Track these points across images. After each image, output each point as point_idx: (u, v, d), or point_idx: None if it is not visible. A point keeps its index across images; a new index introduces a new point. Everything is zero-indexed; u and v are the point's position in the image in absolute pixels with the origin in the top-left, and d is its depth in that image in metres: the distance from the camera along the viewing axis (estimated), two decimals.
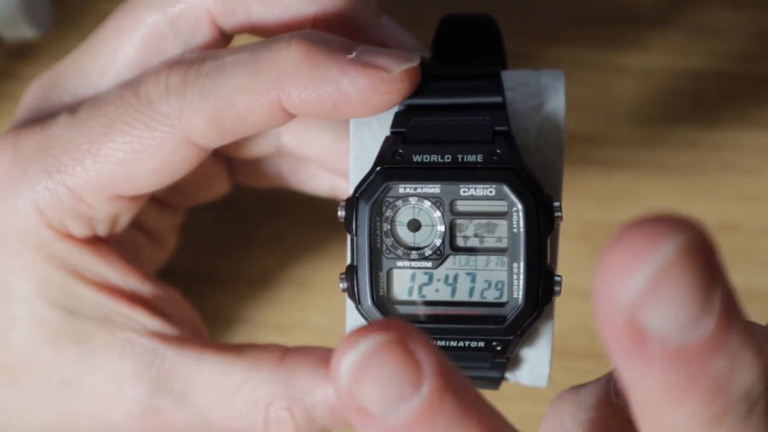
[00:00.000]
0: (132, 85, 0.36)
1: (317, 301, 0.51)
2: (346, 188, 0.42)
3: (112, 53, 0.38)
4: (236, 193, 0.47)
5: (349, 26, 0.36)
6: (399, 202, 0.34)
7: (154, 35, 0.37)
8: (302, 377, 0.37)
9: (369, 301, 0.34)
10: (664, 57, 0.54)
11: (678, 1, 0.55)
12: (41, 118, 0.38)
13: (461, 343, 0.34)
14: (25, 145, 0.37)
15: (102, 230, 0.38)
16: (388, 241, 0.34)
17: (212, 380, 0.37)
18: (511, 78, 0.36)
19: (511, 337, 0.34)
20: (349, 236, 0.34)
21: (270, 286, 0.51)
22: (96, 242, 0.38)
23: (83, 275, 0.38)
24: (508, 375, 0.37)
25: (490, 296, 0.34)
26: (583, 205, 0.52)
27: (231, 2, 0.36)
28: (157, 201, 0.43)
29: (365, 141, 0.35)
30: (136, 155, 0.36)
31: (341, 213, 0.34)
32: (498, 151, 0.33)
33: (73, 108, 0.37)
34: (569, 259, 0.51)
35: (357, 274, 0.34)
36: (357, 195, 0.34)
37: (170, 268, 0.47)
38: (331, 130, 0.40)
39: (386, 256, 0.34)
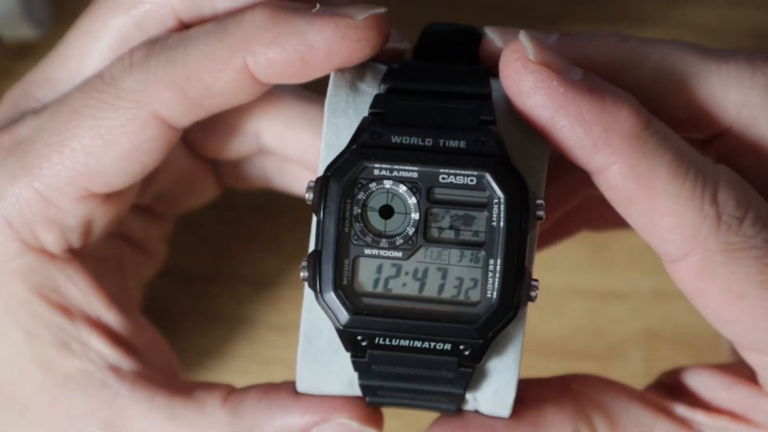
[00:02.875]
0: (98, 71, 0.36)
1: None
2: None
3: (79, 59, 0.37)
4: (235, 194, 0.47)
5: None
6: (373, 185, 0.32)
7: (121, 38, 0.36)
8: (246, 415, 0.36)
9: (331, 290, 0.31)
10: None
11: (678, 1, 0.55)
12: (5, 127, 0.37)
13: (426, 344, 0.32)
14: None
15: (75, 240, 0.37)
16: (357, 226, 0.32)
17: (161, 425, 0.36)
18: (495, 84, 0.34)
19: (482, 341, 0.32)
20: (315, 219, 0.32)
21: (269, 286, 0.51)
22: (67, 258, 0.37)
23: (47, 295, 0.36)
24: (468, 396, 0.34)
25: (462, 295, 0.32)
26: None
27: (198, 3, 0.36)
28: (143, 210, 0.42)
29: (339, 129, 0.34)
30: (103, 140, 0.35)
31: (309, 195, 0.32)
32: (483, 139, 0.31)
33: (38, 111, 0.37)
34: (569, 259, 0.51)
35: (321, 260, 0.31)
36: (328, 174, 0.32)
37: (170, 268, 0.47)
38: (311, 129, 0.39)
39: (354, 242, 0.31)
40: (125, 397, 0.36)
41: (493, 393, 0.34)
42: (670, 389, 0.37)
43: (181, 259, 0.50)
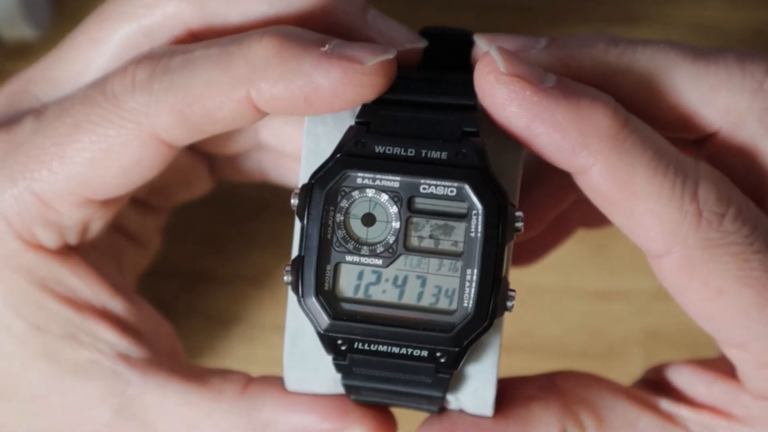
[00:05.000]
0: (99, 83, 0.36)
1: None
2: None
3: (84, 63, 0.37)
4: (234, 193, 0.47)
5: (331, 27, 0.35)
6: (355, 193, 0.32)
7: (127, 46, 0.36)
8: (265, 408, 0.36)
9: (312, 295, 0.32)
10: None
11: (678, 1, 0.55)
12: (4, 125, 0.37)
13: (404, 350, 0.32)
14: None
15: (72, 238, 0.37)
16: (340, 233, 0.32)
17: (176, 411, 0.36)
18: None
19: (457, 349, 0.32)
20: (298, 226, 0.33)
21: (269, 286, 0.51)
22: (66, 253, 0.37)
23: (52, 288, 0.37)
24: (450, 397, 0.35)
25: (440, 303, 0.32)
26: None
27: (207, 13, 0.35)
28: (138, 202, 0.42)
29: (319, 137, 0.34)
30: (103, 155, 0.35)
31: (294, 201, 0.32)
32: (464, 150, 0.32)
33: (39, 112, 0.37)
34: (569, 259, 0.51)
35: (303, 266, 0.32)
36: (313, 181, 0.32)
37: (169, 268, 0.47)
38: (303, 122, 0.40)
39: (336, 248, 0.32)
40: (137, 384, 0.36)
41: (473, 393, 0.35)
42: (655, 385, 0.37)
43: (181, 259, 0.50)
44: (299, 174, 0.35)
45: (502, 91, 0.32)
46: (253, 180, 0.44)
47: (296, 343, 0.35)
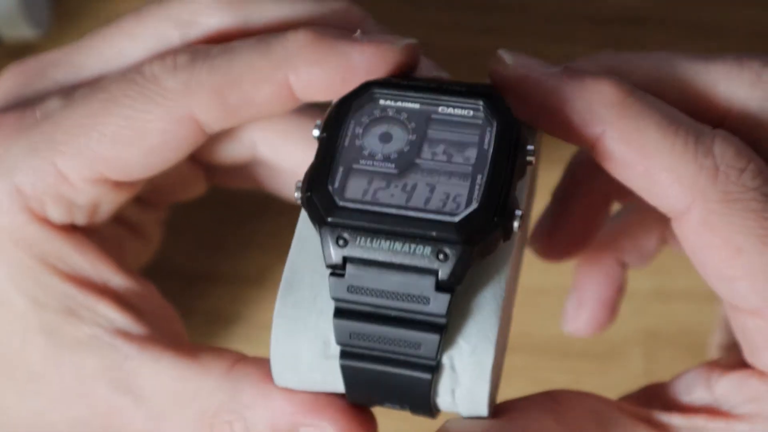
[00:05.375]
0: (135, 67, 0.36)
1: None
2: None
3: (116, 53, 0.38)
4: (234, 193, 0.47)
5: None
6: (377, 111, 0.33)
7: (164, 46, 0.37)
8: (246, 390, 0.35)
9: (321, 189, 0.32)
10: None
11: (678, 1, 0.55)
12: (25, 103, 0.37)
13: (406, 248, 0.31)
14: (10, 126, 0.37)
15: (80, 218, 0.38)
16: (357, 142, 0.33)
17: (169, 385, 0.36)
18: None
19: (461, 246, 0.31)
20: (317, 146, 0.33)
21: (268, 286, 0.51)
22: (71, 230, 0.37)
23: (53, 264, 0.37)
24: (445, 360, 0.33)
25: (447, 207, 0.32)
26: None
27: (246, 24, 0.37)
28: (137, 198, 0.42)
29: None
30: (135, 131, 0.35)
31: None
32: (485, 88, 0.34)
33: (66, 92, 0.37)
34: (569, 259, 0.51)
35: (315, 167, 0.32)
36: (338, 102, 0.34)
37: (169, 268, 0.47)
38: (306, 141, 0.40)
39: (350, 154, 0.33)
40: (134, 358, 0.36)
41: (471, 353, 0.33)
42: (647, 397, 0.37)
43: (181, 259, 0.50)
44: (291, 185, 0.36)
45: (512, 76, 0.34)
46: (247, 188, 0.44)
47: (291, 288, 0.34)
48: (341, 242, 0.32)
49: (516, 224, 0.32)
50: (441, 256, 0.31)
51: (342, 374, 0.33)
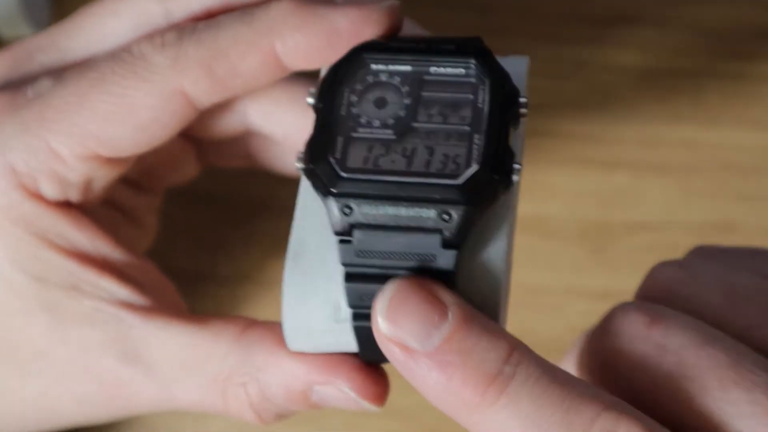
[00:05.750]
0: (123, 47, 0.37)
1: None
2: None
3: (100, 32, 0.38)
4: (235, 193, 0.47)
5: None
6: (370, 77, 0.34)
7: (146, 23, 0.37)
8: (259, 353, 0.36)
9: (323, 160, 0.32)
10: (664, 57, 0.54)
11: (678, 1, 0.55)
12: (13, 86, 0.38)
13: (411, 212, 0.32)
14: (2, 107, 0.37)
15: (74, 195, 0.38)
16: (354, 110, 0.33)
17: (178, 352, 0.36)
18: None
19: (464, 207, 0.32)
20: (313, 117, 0.34)
21: (268, 285, 0.51)
22: (67, 207, 0.38)
23: (52, 240, 0.37)
24: None
25: (448, 168, 0.32)
26: (583, 205, 0.52)
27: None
28: (129, 182, 0.42)
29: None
30: (125, 107, 0.36)
31: (310, 100, 0.34)
32: (473, 43, 0.34)
33: (56, 73, 0.37)
34: (569, 259, 0.51)
35: (314, 138, 0.33)
36: (330, 70, 0.34)
37: (169, 267, 0.47)
38: (297, 107, 0.40)
39: (348, 123, 0.33)
40: (140, 328, 0.37)
41: (480, 304, 0.33)
42: None
43: (181, 259, 0.50)
44: (283, 158, 0.37)
45: (383, 345, 0.31)
46: (240, 166, 0.44)
47: (297, 258, 0.35)
48: (347, 210, 0.32)
49: (515, 177, 0.33)
50: (445, 217, 0.32)
51: (355, 335, 0.34)
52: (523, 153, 0.36)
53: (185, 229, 0.50)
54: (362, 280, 0.33)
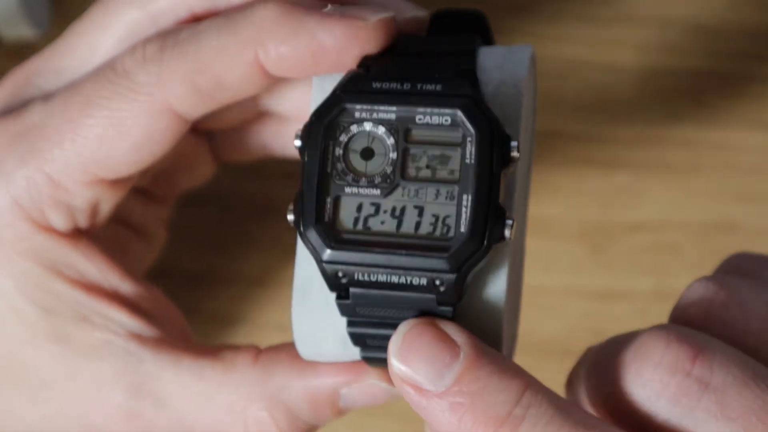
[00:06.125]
0: (108, 63, 0.36)
1: None
2: None
3: (89, 50, 0.37)
4: (235, 194, 0.47)
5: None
6: (354, 127, 0.33)
7: (133, 32, 0.37)
8: (277, 373, 0.36)
9: (312, 226, 0.32)
10: (664, 57, 0.54)
11: (678, 1, 0.55)
12: (10, 113, 0.37)
13: (403, 279, 0.32)
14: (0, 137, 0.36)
15: (83, 220, 0.37)
16: (339, 166, 0.32)
17: (190, 385, 0.36)
18: (483, 53, 0.35)
19: (455, 275, 0.32)
20: (301, 164, 0.33)
21: (269, 286, 0.51)
22: (76, 236, 0.38)
23: (62, 272, 0.37)
24: None
25: (437, 231, 0.32)
26: (583, 205, 0.52)
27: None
28: (141, 192, 0.42)
29: (326, 92, 0.34)
30: (116, 130, 0.35)
31: (297, 143, 0.33)
32: (458, 82, 0.32)
33: (47, 97, 0.37)
34: (569, 259, 0.51)
35: (303, 199, 0.32)
36: (312, 118, 0.33)
37: (169, 268, 0.47)
38: (308, 83, 0.40)
39: (335, 181, 0.32)
40: (150, 361, 0.37)
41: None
42: None
43: (181, 259, 0.50)
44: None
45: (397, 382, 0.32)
46: (255, 157, 0.44)
47: (304, 295, 0.35)
48: (341, 275, 0.32)
49: (507, 233, 0.32)
50: (437, 283, 0.32)
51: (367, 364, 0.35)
52: (529, 186, 0.35)
53: (186, 230, 0.50)
54: (365, 326, 0.33)
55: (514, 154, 0.32)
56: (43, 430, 0.38)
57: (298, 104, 0.40)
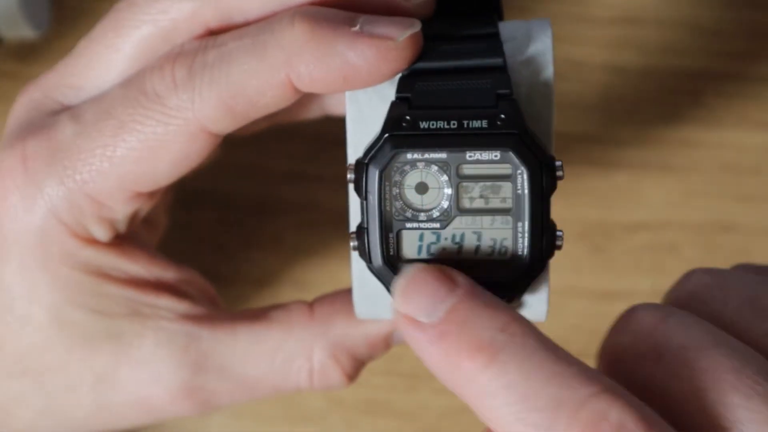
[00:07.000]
0: (135, 82, 0.36)
1: None
2: None
3: (104, 68, 0.38)
4: (236, 194, 0.47)
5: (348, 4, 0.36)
6: (407, 167, 0.34)
7: (147, 50, 0.37)
8: (336, 324, 0.39)
9: (380, 261, 0.35)
10: (664, 57, 0.54)
11: (678, 1, 0.55)
12: (39, 128, 0.38)
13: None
14: (35, 162, 0.37)
15: (123, 228, 0.39)
16: (398, 204, 0.35)
17: (249, 350, 0.38)
18: (502, 31, 0.36)
19: (516, 295, 0.35)
20: (353, 195, 0.35)
21: (270, 286, 0.51)
22: (119, 243, 0.39)
23: (110, 275, 0.38)
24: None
25: (496, 254, 0.34)
26: (583, 205, 0.53)
27: (224, 8, 0.36)
28: None
29: (361, 103, 0.36)
30: (153, 152, 0.36)
31: (350, 176, 0.35)
32: (502, 115, 0.34)
33: (75, 114, 0.37)
34: (569, 259, 0.51)
35: (368, 236, 0.35)
36: (366, 161, 0.34)
37: None
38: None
39: (396, 218, 0.35)
40: (208, 338, 0.38)
41: (528, 308, 0.37)
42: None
43: (181, 259, 0.50)
44: (347, 142, 0.36)
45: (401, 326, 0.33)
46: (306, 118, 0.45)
47: (363, 285, 0.37)
48: None
49: (560, 243, 0.35)
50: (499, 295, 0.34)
51: None
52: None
53: (187, 230, 0.50)
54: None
55: (559, 173, 0.34)
56: (92, 422, 0.39)
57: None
